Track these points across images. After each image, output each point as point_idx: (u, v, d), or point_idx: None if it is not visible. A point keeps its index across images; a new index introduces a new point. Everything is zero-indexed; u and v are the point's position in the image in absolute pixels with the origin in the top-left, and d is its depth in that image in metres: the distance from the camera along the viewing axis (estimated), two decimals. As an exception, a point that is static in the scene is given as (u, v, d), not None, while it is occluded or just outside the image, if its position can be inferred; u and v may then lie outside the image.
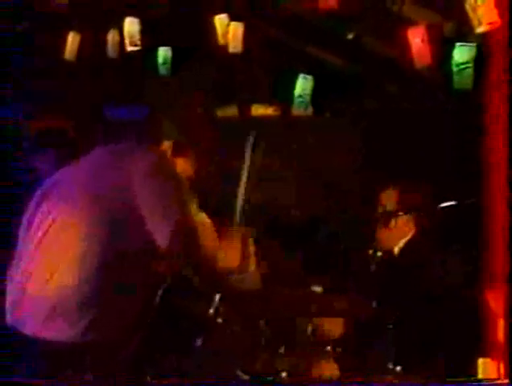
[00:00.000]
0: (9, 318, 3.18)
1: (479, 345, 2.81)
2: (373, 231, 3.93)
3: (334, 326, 3.68)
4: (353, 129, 5.76)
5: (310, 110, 5.90)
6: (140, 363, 3.42)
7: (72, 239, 3.08)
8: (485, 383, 2.63)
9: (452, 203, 3.93)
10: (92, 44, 5.35)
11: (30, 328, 3.08)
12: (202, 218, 3.29)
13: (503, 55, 2.88)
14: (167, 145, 3.32)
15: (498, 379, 2.60)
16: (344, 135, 5.80)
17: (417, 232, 3.81)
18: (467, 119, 4.34)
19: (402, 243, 3.85)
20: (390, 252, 3.88)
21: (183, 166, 3.35)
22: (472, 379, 2.76)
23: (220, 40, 4.99)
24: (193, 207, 3.21)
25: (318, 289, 3.57)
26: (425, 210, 3.84)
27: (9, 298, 3.22)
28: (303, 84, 4.67)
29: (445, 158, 5.12)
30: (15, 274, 3.23)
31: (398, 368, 3.14)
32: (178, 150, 3.34)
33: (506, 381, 2.62)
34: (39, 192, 3.32)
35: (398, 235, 3.87)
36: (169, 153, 3.32)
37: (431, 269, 3.56)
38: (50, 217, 3.16)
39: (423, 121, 5.26)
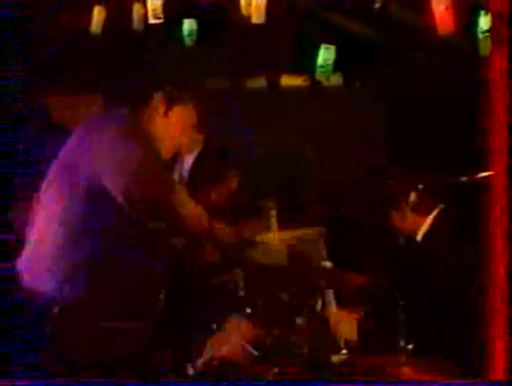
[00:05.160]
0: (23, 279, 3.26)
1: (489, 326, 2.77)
2: (394, 205, 3.85)
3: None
4: (379, 99, 5.68)
5: (340, 80, 5.86)
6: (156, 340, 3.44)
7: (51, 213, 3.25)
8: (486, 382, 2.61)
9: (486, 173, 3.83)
10: (118, 17, 5.36)
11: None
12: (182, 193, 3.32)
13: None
14: (158, 96, 3.35)
15: (500, 379, 2.57)
16: (371, 105, 5.73)
17: (439, 213, 3.69)
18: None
19: (425, 226, 3.72)
20: (411, 235, 3.78)
21: (182, 113, 3.38)
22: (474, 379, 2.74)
23: (244, 11, 4.94)
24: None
25: (328, 264, 3.54)
26: (445, 185, 3.74)
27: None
28: (325, 54, 4.63)
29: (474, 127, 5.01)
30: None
31: (410, 346, 3.11)
32: (172, 100, 3.36)
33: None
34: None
35: (420, 213, 3.76)
36: (163, 103, 3.35)
37: (448, 254, 3.48)
38: (43, 193, 3.37)
39: (451, 91, 5.16)
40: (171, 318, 3.71)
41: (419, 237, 3.64)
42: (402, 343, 3.11)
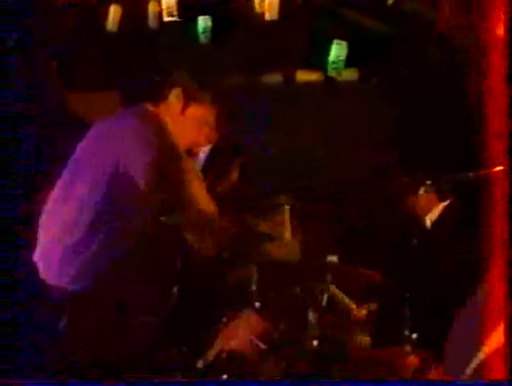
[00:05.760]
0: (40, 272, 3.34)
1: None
2: (402, 200, 3.87)
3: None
4: (394, 96, 5.66)
5: (355, 76, 5.87)
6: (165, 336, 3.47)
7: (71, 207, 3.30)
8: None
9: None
10: (133, 15, 5.43)
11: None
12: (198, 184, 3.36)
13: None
14: (175, 92, 3.38)
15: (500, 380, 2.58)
16: (387, 102, 5.71)
17: (447, 205, 3.70)
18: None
19: (436, 211, 3.75)
20: (421, 225, 3.79)
21: (199, 112, 3.41)
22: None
23: (257, 8, 5.00)
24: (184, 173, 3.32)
25: (334, 258, 3.56)
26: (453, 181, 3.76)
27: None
28: (337, 50, 4.67)
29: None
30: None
31: (414, 336, 3.13)
32: (190, 97, 3.39)
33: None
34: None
35: (428, 205, 3.78)
36: (181, 100, 3.38)
37: (452, 250, 3.50)
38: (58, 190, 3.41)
39: (462, 88, 5.14)
40: (182, 313, 3.74)
41: (428, 223, 3.67)
42: (406, 333, 3.12)
